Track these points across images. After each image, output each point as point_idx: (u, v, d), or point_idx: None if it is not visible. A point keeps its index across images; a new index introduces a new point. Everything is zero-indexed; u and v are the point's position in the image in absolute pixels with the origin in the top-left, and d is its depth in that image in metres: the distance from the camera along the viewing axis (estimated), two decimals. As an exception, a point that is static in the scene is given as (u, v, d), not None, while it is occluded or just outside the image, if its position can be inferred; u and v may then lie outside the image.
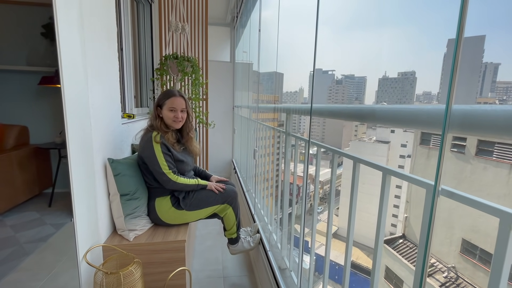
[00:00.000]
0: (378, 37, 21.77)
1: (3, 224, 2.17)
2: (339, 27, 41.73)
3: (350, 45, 34.02)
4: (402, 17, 15.98)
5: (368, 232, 9.82)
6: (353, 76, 19.38)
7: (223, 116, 3.80)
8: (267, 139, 2.11)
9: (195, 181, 1.37)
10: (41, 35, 2.75)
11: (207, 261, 1.81)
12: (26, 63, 2.78)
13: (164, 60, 2.26)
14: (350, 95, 16.16)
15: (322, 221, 7.34)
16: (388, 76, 7.32)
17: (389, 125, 0.78)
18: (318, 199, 1.29)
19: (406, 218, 7.56)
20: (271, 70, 2.10)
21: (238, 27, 3.54)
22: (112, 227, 1.35)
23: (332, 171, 0.91)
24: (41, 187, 2.82)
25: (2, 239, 1.94)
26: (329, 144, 1.06)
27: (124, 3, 1.99)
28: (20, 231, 2.07)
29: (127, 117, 1.75)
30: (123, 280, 1.03)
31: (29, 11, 2.73)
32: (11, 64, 2.75)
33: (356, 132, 12.53)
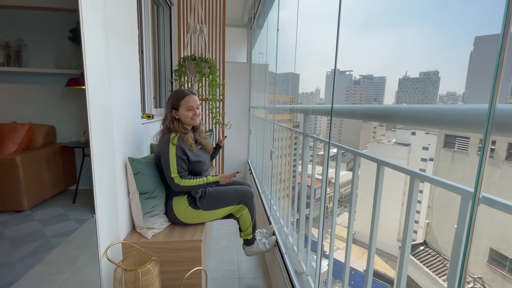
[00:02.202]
0: (399, 36, 20.54)
1: (31, 218, 2.29)
2: (357, 26, 39.95)
3: (368, 45, 32.49)
4: (424, 14, 15.12)
5: (385, 236, 9.46)
6: (372, 77, 18.77)
7: (239, 117, 3.82)
8: (283, 140, 2.09)
9: (203, 180, 1.35)
10: (68, 39, 2.89)
11: (223, 261, 1.81)
12: (55, 66, 2.93)
13: (183, 62, 2.30)
14: (369, 95, 15.67)
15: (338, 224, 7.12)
16: (409, 76, 7.05)
17: (417, 126, 0.74)
18: (335, 202, 1.25)
19: (428, 224, 7.22)
20: (287, 71, 2.08)
21: (255, 27, 3.55)
22: (131, 224, 1.38)
23: (354, 173, 0.88)
24: (66, 184, 2.95)
25: (31, 233, 2.05)
26: (346, 146, 1.02)
27: (145, 7, 2.04)
28: (46, 225, 2.17)
29: (147, 117, 1.79)
30: (141, 277, 1.05)
31: (57, 17, 2.88)
32: (41, 67, 2.92)
33: (375, 134, 12.14)
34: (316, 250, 1.24)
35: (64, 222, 2.26)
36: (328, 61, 2.10)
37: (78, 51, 2.87)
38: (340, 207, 8.42)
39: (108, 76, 1.12)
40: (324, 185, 1.12)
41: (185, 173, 1.33)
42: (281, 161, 2.04)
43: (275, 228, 1.73)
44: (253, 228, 1.52)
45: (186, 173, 1.33)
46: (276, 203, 2.08)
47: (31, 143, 2.68)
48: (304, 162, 1.38)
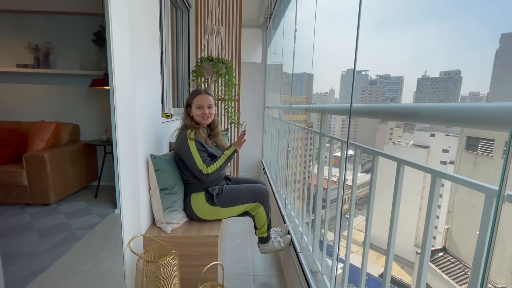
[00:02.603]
0: (417, 35, 19.67)
1: (57, 212, 2.42)
2: (374, 25, 38.88)
3: (386, 44, 31.55)
4: (445, 12, 14.37)
5: (401, 241, 9.14)
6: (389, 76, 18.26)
7: (253, 116, 3.85)
8: (299, 141, 2.09)
9: (223, 158, 1.41)
10: (92, 41, 3.03)
11: (237, 258, 1.84)
12: (79, 67, 3.08)
13: (200, 62, 2.36)
14: (385, 96, 15.23)
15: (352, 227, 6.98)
16: (428, 75, 6.81)
17: (440, 124, 0.73)
18: (347, 204, 1.24)
19: (448, 229, 6.92)
20: (302, 71, 2.08)
21: (271, 28, 3.56)
22: (151, 219, 1.44)
23: (373, 174, 0.87)
24: (88, 180, 3.10)
25: (57, 225, 2.16)
26: (364, 145, 1.01)
27: (165, 10, 2.11)
28: (71, 219, 2.29)
29: (166, 117, 1.85)
30: (161, 269, 1.09)
31: (82, 20, 3.02)
32: (67, 69, 3.08)
33: (391, 135, 11.79)
34: (330, 254, 1.24)
35: (87, 216, 2.37)
36: (343, 61, 2.08)
37: (101, 53, 3.00)
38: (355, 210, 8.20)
39: (132, 76, 1.18)
40: (342, 186, 1.12)
41: (208, 160, 1.38)
42: (295, 162, 2.04)
43: (290, 227, 1.74)
44: (268, 226, 1.54)
45: (208, 160, 1.38)
46: (291, 203, 2.09)
47: (57, 140, 2.83)
48: (320, 162, 1.38)
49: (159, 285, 1.10)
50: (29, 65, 2.99)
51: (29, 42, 2.97)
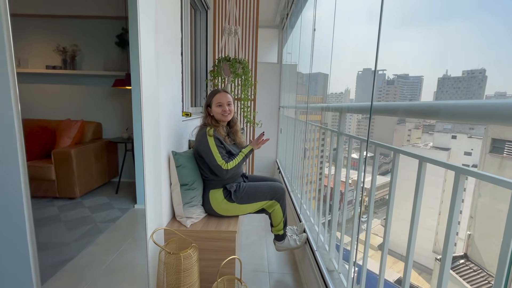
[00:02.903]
0: (438, 32, 19.20)
1: (82, 205, 2.55)
2: (392, 23, 39.10)
3: (404, 42, 30.85)
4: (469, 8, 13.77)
5: (419, 246, 8.83)
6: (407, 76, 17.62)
7: (269, 116, 3.87)
8: (315, 141, 2.08)
9: (240, 155, 1.46)
10: (115, 44, 3.17)
11: (253, 255, 1.87)
12: (103, 68, 3.23)
13: (218, 63, 2.41)
14: (403, 96, 14.74)
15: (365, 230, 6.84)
16: (449, 75, 6.53)
17: (464, 121, 0.71)
18: (363, 207, 1.23)
19: (470, 236, 6.62)
20: (317, 71, 2.07)
21: (287, 28, 3.57)
22: (172, 213, 1.50)
23: (393, 174, 0.87)
24: (110, 176, 3.24)
25: (82, 218, 2.28)
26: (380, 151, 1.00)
27: (185, 12, 2.18)
28: (95, 212, 2.41)
29: (185, 115, 1.91)
30: (182, 261, 1.14)
31: (106, 24, 3.17)
32: (92, 70, 3.24)
33: (409, 137, 11.38)
34: (346, 259, 1.24)
35: (109, 210, 2.48)
36: (360, 60, 2.04)
37: (123, 55, 3.12)
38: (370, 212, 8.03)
39: (157, 76, 1.23)
40: (359, 186, 1.12)
41: (226, 157, 1.42)
42: (311, 162, 2.04)
43: (306, 226, 1.74)
44: (284, 224, 1.56)
45: (227, 157, 1.42)
46: (306, 202, 2.09)
47: (82, 138, 2.98)
48: (338, 161, 1.38)
49: (180, 276, 1.15)
50: (57, 66, 3.17)
51: (57, 44, 3.14)
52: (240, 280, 1.22)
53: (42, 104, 3.23)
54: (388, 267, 5.42)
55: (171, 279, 1.15)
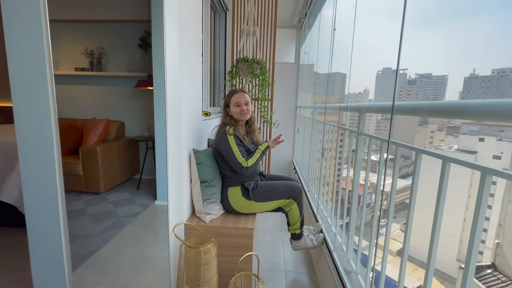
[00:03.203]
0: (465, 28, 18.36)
1: (106, 200, 2.68)
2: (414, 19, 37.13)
3: (427, 40, 30.01)
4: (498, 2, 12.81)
5: (441, 254, 8.46)
6: (430, 76, 16.88)
7: (285, 116, 3.87)
8: (333, 142, 2.06)
9: (257, 152, 1.49)
10: (138, 46, 3.30)
11: (269, 253, 1.89)
12: (126, 70, 3.38)
13: (236, 63, 2.45)
14: (426, 96, 14.09)
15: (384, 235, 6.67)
16: (477, 74, 6.19)
17: (493, 120, 0.68)
18: (381, 211, 1.20)
19: (498, 244, 6.25)
20: (334, 71, 2.06)
21: (305, 27, 3.56)
22: (191, 209, 1.54)
23: (415, 175, 0.85)
24: (131, 173, 3.38)
25: (107, 212, 2.40)
26: (401, 153, 0.98)
27: (205, 14, 2.23)
28: (118, 207, 2.53)
29: (205, 115, 1.97)
30: (202, 255, 1.18)
31: (130, 27, 3.31)
32: (116, 71, 3.40)
33: (432, 139, 10.88)
34: (364, 264, 1.22)
35: (131, 205, 2.60)
36: (380, 60, 2.00)
37: (146, 56, 3.24)
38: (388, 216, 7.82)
39: (180, 77, 1.28)
40: (379, 189, 1.10)
41: (246, 155, 1.46)
42: (329, 163, 2.02)
43: (323, 226, 1.74)
44: (301, 223, 1.56)
45: (246, 155, 1.46)
46: (323, 203, 2.08)
47: (106, 136, 3.13)
48: (357, 161, 1.36)
49: (199, 270, 1.19)
50: (85, 68, 3.35)
51: (85, 48, 3.33)
52: (258, 276, 1.24)
53: (71, 104, 3.43)
54: (408, 274, 5.25)
55: (191, 272, 1.20)
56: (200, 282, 1.19)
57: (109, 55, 3.40)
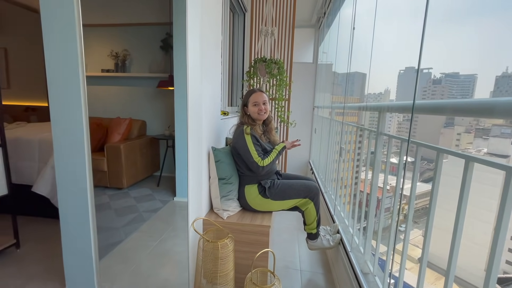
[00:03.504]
0: (496, 24, 16.81)
1: (128, 195, 2.81)
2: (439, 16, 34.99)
3: (454, 37, 28.05)
4: None
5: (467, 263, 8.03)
6: (457, 75, 16.02)
7: (303, 116, 3.85)
8: (351, 144, 2.03)
9: (274, 152, 1.51)
10: (160, 48, 3.43)
11: (285, 252, 1.90)
12: (148, 71, 3.52)
13: (254, 64, 2.48)
14: (452, 96, 13.34)
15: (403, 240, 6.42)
16: (510, 72, 5.83)
17: None
18: (401, 216, 1.17)
19: (531, 254, 5.83)
20: (353, 70, 2.02)
21: (324, 27, 3.52)
22: (209, 206, 1.59)
23: (435, 176, 0.83)
24: (152, 170, 3.51)
25: (129, 206, 2.52)
26: (422, 155, 0.95)
27: (224, 16, 2.28)
28: (140, 202, 2.64)
29: (223, 114, 2.01)
30: (220, 250, 1.21)
31: (152, 30, 3.44)
32: (139, 72, 3.54)
33: (458, 141, 10.32)
34: (382, 268, 1.20)
35: (151, 201, 2.70)
36: (401, 59, 1.94)
37: (167, 58, 3.35)
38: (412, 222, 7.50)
39: (200, 77, 1.33)
40: (398, 193, 1.08)
41: (262, 155, 1.48)
42: (347, 165, 2.00)
43: (340, 227, 1.72)
44: (318, 223, 1.56)
45: (262, 154, 1.48)
46: (340, 204, 2.05)
47: (129, 134, 3.27)
48: (376, 164, 1.34)
49: (217, 264, 1.22)
50: (110, 70, 3.53)
51: (111, 50, 3.50)
52: (273, 273, 1.25)
53: (97, 104, 3.62)
54: (431, 282, 5.04)
55: (208, 266, 1.24)
56: (217, 276, 1.22)
57: (132, 57, 3.56)
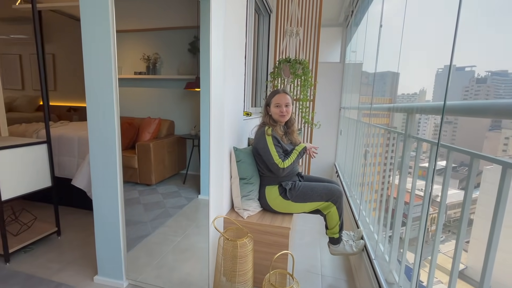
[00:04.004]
0: None
1: (156, 192, 2.96)
2: (485, 8, 31.07)
3: (503, 31, 24.71)
4: None
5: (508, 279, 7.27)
6: (506, 73, 14.56)
7: (328, 117, 3.75)
8: (378, 147, 1.94)
9: (294, 153, 1.49)
10: (188, 50, 3.56)
11: (306, 255, 1.86)
12: (177, 73, 3.67)
13: (278, 64, 2.47)
14: (499, 97, 12.05)
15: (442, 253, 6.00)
16: None
17: None
18: (440, 227, 1.08)
19: None
20: (385, 69, 1.93)
21: (352, 25, 3.40)
22: (230, 205, 1.62)
23: (468, 184, 0.76)
24: (179, 168, 3.65)
25: (156, 202, 2.65)
26: (461, 160, 0.88)
27: (249, 18, 2.30)
28: (166, 198, 2.76)
29: (246, 115, 2.03)
30: (239, 249, 1.23)
31: (181, 33, 3.59)
32: (168, 74, 3.71)
33: (506, 146, 9.35)
34: (409, 277, 1.13)
35: (177, 198, 2.81)
36: (440, 56, 1.82)
37: (194, 60, 3.47)
38: (447, 232, 6.94)
39: (223, 79, 1.36)
40: (427, 199, 1.01)
41: (283, 156, 1.47)
42: (374, 169, 1.91)
43: (364, 233, 1.65)
44: (340, 227, 1.51)
45: (283, 155, 1.47)
46: (366, 209, 1.97)
47: (158, 133, 3.44)
48: (403, 167, 1.27)
49: (236, 262, 1.24)
50: (142, 72, 3.75)
51: (143, 53, 3.71)
52: (292, 275, 1.24)
53: (130, 104, 3.86)
54: (467, 297, 4.46)
55: (228, 264, 1.26)
56: (236, 274, 1.24)
57: (162, 60, 3.74)
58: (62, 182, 2.25)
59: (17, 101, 4.16)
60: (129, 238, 1.89)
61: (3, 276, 1.51)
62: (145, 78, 3.79)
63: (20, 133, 2.56)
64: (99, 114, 1.31)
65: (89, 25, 1.24)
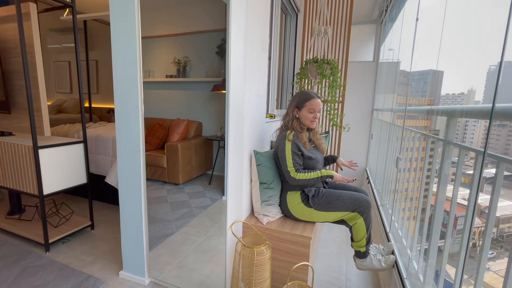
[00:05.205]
0: None
1: (183, 191, 3.04)
2: None
3: None
4: None
5: None
6: None
7: (359, 119, 3.55)
8: (414, 151, 1.77)
9: (317, 174, 1.38)
10: (216, 53, 3.63)
11: (330, 266, 1.76)
12: (205, 75, 3.76)
13: (305, 65, 2.39)
14: None
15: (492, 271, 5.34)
16: None
17: None
18: (487, 240, 0.93)
19: None
20: (425, 68, 1.75)
21: (386, 22, 3.18)
22: (250, 210, 1.58)
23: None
24: (205, 168, 3.73)
25: (182, 201, 2.72)
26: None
27: (275, 18, 2.26)
28: (192, 198, 2.82)
29: (269, 117, 1.99)
30: (256, 256, 1.19)
31: (209, 36, 3.66)
32: (197, 77, 3.82)
33: None
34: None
35: (202, 198, 2.86)
36: (492, 52, 1.60)
37: (221, 62, 3.52)
38: (499, 248, 6.13)
39: (243, 80, 1.33)
40: (472, 211, 0.88)
41: (300, 168, 1.39)
42: (408, 176, 1.74)
43: (395, 247, 1.51)
44: (368, 241, 1.39)
45: (301, 168, 1.39)
46: (398, 220, 1.80)
47: (187, 134, 3.54)
48: (443, 176, 1.12)
49: (253, 270, 1.20)
50: (173, 75, 3.90)
51: (174, 57, 3.86)
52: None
53: (161, 106, 4.04)
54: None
55: (245, 270, 1.22)
56: (253, 282, 1.20)
57: (192, 63, 3.85)
58: (98, 179, 2.41)
59: (65, 103, 4.60)
60: (153, 236, 1.96)
61: (43, 264, 1.65)
62: (175, 81, 3.94)
63: (64, 133, 2.81)
64: (124, 116, 1.36)
65: (117, 33, 1.30)
